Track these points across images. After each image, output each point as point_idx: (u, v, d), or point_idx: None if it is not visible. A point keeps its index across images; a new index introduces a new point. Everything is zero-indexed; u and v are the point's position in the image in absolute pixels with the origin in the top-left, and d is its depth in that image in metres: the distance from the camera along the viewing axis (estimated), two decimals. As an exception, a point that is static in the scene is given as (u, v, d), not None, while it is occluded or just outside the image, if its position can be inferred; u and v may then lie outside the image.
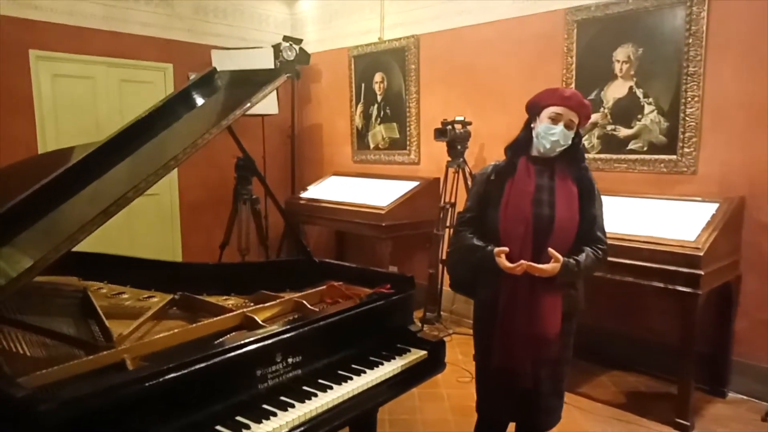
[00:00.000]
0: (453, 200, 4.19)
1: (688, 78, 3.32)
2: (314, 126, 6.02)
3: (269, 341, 1.64)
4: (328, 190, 5.22)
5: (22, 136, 4.25)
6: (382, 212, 4.35)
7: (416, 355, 2.04)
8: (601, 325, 3.71)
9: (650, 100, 3.49)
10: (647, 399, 3.26)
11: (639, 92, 3.54)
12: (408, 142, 5.01)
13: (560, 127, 1.98)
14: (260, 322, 1.86)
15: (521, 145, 2.11)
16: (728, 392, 3.25)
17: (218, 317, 1.90)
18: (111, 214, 1.66)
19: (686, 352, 2.89)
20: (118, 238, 4.91)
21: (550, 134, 1.98)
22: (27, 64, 4.33)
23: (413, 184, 4.66)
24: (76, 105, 4.58)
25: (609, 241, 2.12)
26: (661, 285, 2.88)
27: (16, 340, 1.77)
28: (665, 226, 3.07)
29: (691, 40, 3.29)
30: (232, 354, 1.55)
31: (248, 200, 4.96)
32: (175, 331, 1.77)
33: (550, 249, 1.94)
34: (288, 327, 1.72)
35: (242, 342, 1.59)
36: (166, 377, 1.42)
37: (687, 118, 3.35)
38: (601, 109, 3.71)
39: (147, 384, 1.38)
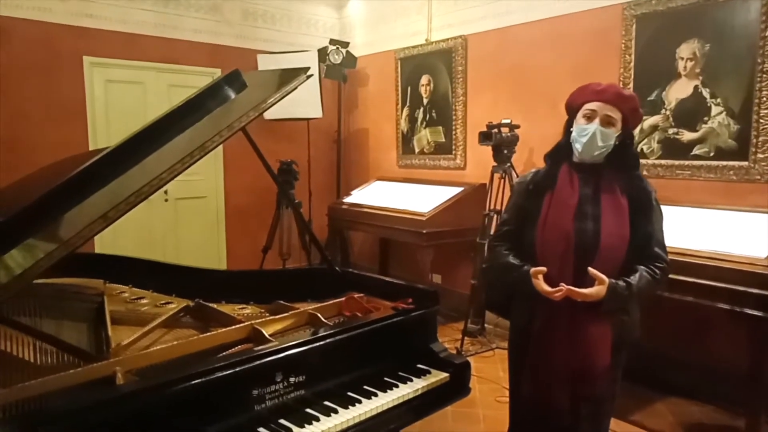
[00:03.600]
0: (498, 207, 3.96)
1: (763, 76, 2.97)
2: (360, 130, 5.93)
3: (267, 359, 1.53)
4: (371, 195, 5.10)
5: (74, 140, 4.38)
6: (423, 219, 4.18)
7: (436, 377, 1.86)
8: (660, 347, 3.38)
9: (718, 100, 3.15)
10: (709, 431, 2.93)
11: (705, 92, 3.20)
12: (454, 147, 4.82)
13: (595, 125, 1.75)
14: (267, 336, 1.75)
15: (562, 151, 1.88)
16: (807, 430, 2.86)
17: (225, 329, 1.81)
18: (111, 219, 1.58)
19: (756, 381, 2.56)
20: (163, 242, 5.00)
21: (584, 134, 1.75)
22: (81, 71, 4.48)
23: (458, 189, 4.47)
24: (126, 110, 4.69)
25: (668, 257, 1.84)
26: (727, 307, 2.56)
27: (26, 345, 1.74)
28: (733, 240, 2.74)
29: (767, 34, 2.94)
30: (224, 373, 1.44)
31: (293, 204, 4.92)
32: (175, 343, 1.68)
33: (591, 269, 1.70)
34: (290, 344, 1.60)
35: (235, 360, 1.48)
36: (150, 396, 1.33)
37: (761, 121, 2.99)
38: (663, 111, 3.39)
39: (128, 403, 1.30)
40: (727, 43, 3.10)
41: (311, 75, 2.05)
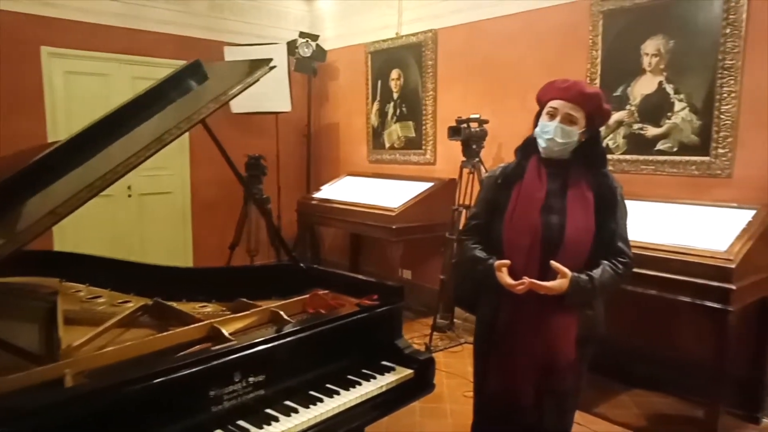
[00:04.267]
0: (467, 203, 3.96)
1: (725, 72, 3.02)
2: (331, 124, 5.87)
3: (224, 359, 1.48)
4: (341, 190, 5.06)
5: (32, 133, 4.22)
6: (393, 214, 4.16)
7: (401, 374, 1.84)
8: (625, 340, 3.42)
9: (681, 96, 3.20)
10: (672, 423, 2.98)
11: (669, 88, 3.25)
12: (424, 142, 4.81)
13: (555, 122, 1.75)
14: (226, 335, 1.70)
15: (531, 145, 1.88)
16: (763, 418, 2.94)
17: (183, 328, 1.75)
18: (60, 215, 1.51)
19: (717, 373, 2.61)
20: (128, 239, 4.87)
21: (545, 132, 1.76)
22: (38, 61, 4.31)
23: (428, 185, 4.46)
24: (89, 102, 4.53)
25: (632, 251, 1.86)
26: (689, 300, 2.60)
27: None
28: (695, 234, 2.78)
29: (728, 31, 2.99)
30: (179, 374, 1.39)
31: (258, 200, 4.85)
32: (129, 343, 1.62)
33: (553, 263, 1.70)
34: (248, 343, 1.56)
35: (191, 360, 1.43)
36: (100, 398, 1.28)
37: (722, 116, 3.05)
38: (628, 107, 3.43)
39: (76, 406, 1.24)
40: (690, 39, 3.14)
41: (274, 67, 2.00)
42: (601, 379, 3.34)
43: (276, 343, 1.62)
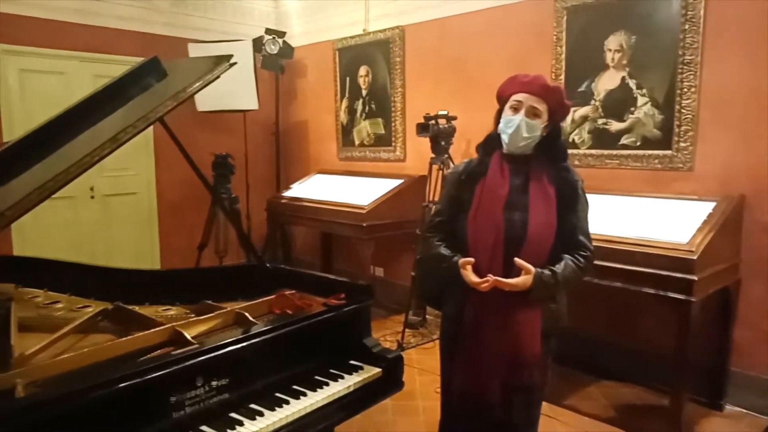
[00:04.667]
0: (436, 199, 3.96)
1: (684, 67, 3.08)
2: (300, 122, 5.81)
3: (185, 363, 1.44)
4: (311, 188, 5.02)
5: (-14, 133, 4.08)
6: (363, 212, 4.14)
7: (368, 373, 1.83)
8: (592, 332, 3.48)
9: (644, 91, 3.26)
10: (639, 412, 3.04)
11: (632, 83, 3.30)
12: (393, 139, 4.80)
13: (520, 116, 1.76)
14: (189, 339, 1.66)
15: (493, 142, 1.88)
16: (726, 405, 3.02)
17: (143, 333, 1.70)
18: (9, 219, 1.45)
19: (680, 363, 2.67)
20: (92, 242, 4.74)
21: (509, 125, 1.76)
22: (-8, 59, 4.16)
23: (398, 182, 4.45)
24: (47, 101, 4.37)
25: (597, 244, 1.88)
26: (653, 291, 2.65)
27: None
28: (658, 226, 2.84)
29: (687, 27, 3.05)
30: (137, 380, 1.35)
31: (227, 199, 4.78)
32: (86, 350, 1.57)
33: (517, 260, 1.71)
34: (211, 346, 1.52)
35: (150, 366, 1.39)
36: (54, 408, 1.23)
37: (683, 111, 3.11)
38: (592, 102, 3.48)
39: (27, 416, 1.19)
40: (651, 35, 3.20)
41: (234, 63, 1.96)
42: (570, 371, 3.39)
43: (240, 345, 1.59)
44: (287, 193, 5.06)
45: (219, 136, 5.30)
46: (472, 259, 1.75)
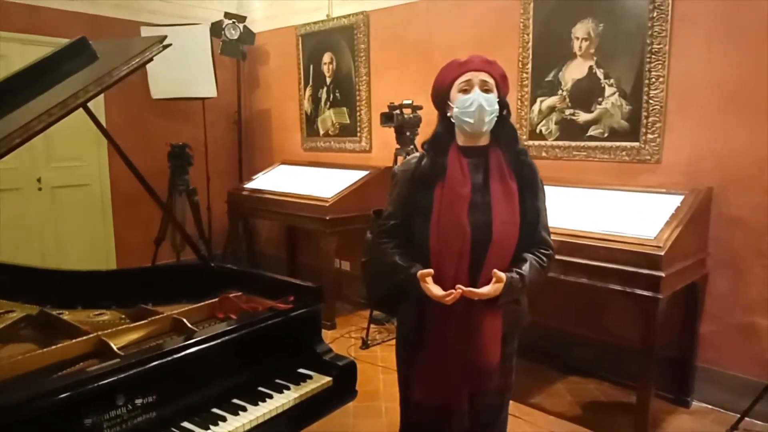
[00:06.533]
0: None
1: (652, 56, 3.00)
2: (263, 111, 5.61)
3: (103, 381, 1.28)
4: (274, 179, 4.83)
5: None
6: (327, 204, 3.99)
7: (317, 383, 1.70)
8: (559, 327, 3.42)
9: (611, 81, 3.17)
10: (606, 410, 2.97)
11: (599, 72, 3.21)
12: (359, 129, 4.64)
13: (475, 91, 1.62)
14: (115, 350, 1.50)
15: (441, 140, 1.72)
16: (693, 401, 2.98)
17: (65, 343, 1.54)
18: None
19: (646, 360, 2.60)
20: (41, 237, 4.48)
21: (468, 105, 1.61)
22: None
23: (363, 173, 4.30)
24: (-13, 87, 4.10)
25: (562, 239, 1.78)
26: (619, 288, 2.57)
27: None
28: (625, 220, 2.75)
29: (655, 14, 2.96)
30: (46, 401, 1.19)
31: (185, 191, 4.57)
32: (-6, 365, 1.39)
33: (495, 271, 1.57)
34: (133, 361, 1.36)
35: (60, 385, 1.23)
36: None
37: (651, 101, 3.03)
38: (560, 92, 3.38)
39: None
40: (618, 23, 3.10)
41: (168, 45, 1.78)
42: (535, 366, 3.32)
43: (171, 357, 1.43)
44: (249, 185, 4.87)
45: (176, 124, 5.06)
46: (431, 271, 1.61)
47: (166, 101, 4.80)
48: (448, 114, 1.68)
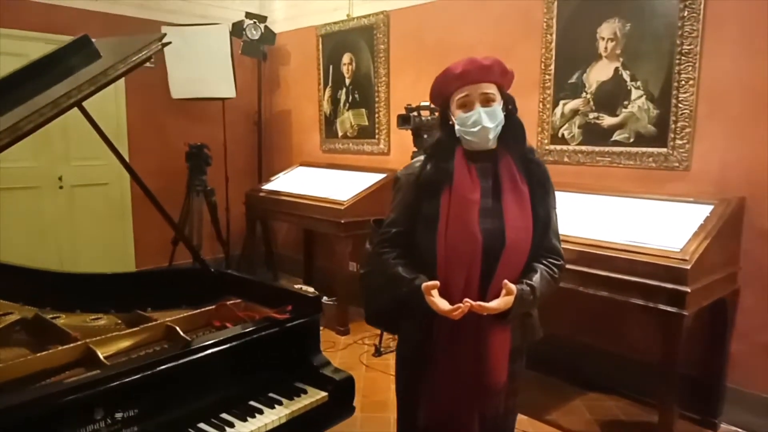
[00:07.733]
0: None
1: (682, 58, 2.84)
2: (283, 111, 5.57)
3: (81, 393, 1.23)
4: (292, 181, 4.79)
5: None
6: (342, 207, 3.92)
7: (312, 398, 1.62)
8: (578, 340, 3.28)
9: (638, 83, 3.02)
10: (626, 428, 2.83)
11: (626, 74, 3.06)
12: (377, 130, 4.56)
13: (476, 109, 1.52)
14: (101, 359, 1.44)
15: (444, 146, 1.61)
16: (720, 423, 2.81)
17: (52, 350, 1.49)
18: None
19: (668, 378, 2.45)
20: (57, 235, 4.52)
21: (470, 125, 1.52)
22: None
23: (380, 176, 4.22)
24: (10, 85, 4.15)
25: (582, 249, 1.65)
26: (641, 302, 2.43)
27: None
28: (650, 231, 2.61)
29: (686, 13, 2.80)
30: (16, 414, 1.13)
31: (202, 191, 4.56)
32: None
33: (507, 283, 1.47)
34: (114, 372, 1.30)
35: (33, 397, 1.17)
36: None
37: (680, 105, 2.87)
38: (584, 95, 3.24)
39: None
40: (647, 22, 2.95)
41: (168, 43, 1.73)
42: (554, 382, 3.18)
43: (156, 369, 1.37)
44: (266, 186, 4.84)
45: (196, 124, 5.06)
46: (437, 283, 1.50)
47: (186, 101, 4.80)
48: (450, 123, 1.58)
